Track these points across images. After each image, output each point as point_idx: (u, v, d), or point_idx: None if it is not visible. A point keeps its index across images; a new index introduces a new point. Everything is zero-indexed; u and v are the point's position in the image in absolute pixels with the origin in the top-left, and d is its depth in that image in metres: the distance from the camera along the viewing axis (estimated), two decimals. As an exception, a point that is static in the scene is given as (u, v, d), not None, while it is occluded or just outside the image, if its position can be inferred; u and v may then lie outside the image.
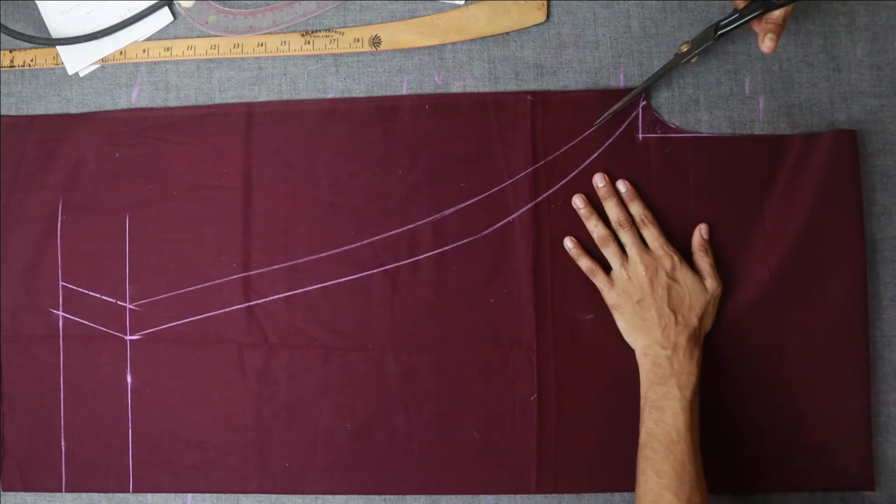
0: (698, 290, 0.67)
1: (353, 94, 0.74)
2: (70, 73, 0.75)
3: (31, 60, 0.75)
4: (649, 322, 0.67)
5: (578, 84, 0.73)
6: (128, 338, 0.73)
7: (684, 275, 0.67)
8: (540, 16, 0.73)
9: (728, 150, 0.72)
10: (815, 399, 0.70)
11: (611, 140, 0.71)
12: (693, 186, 0.71)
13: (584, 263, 0.70)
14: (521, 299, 0.71)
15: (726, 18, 0.65)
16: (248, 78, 0.74)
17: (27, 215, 0.73)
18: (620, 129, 0.72)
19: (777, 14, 0.63)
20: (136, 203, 0.73)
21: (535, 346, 0.71)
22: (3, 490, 0.73)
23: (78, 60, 0.74)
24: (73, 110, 0.75)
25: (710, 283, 0.68)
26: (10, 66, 0.75)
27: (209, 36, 0.74)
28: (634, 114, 0.72)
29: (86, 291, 0.73)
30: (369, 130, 0.73)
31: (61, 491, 0.73)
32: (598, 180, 0.70)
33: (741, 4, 0.64)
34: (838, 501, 0.71)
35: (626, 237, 0.69)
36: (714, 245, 0.71)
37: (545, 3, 0.73)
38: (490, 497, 0.72)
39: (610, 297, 0.69)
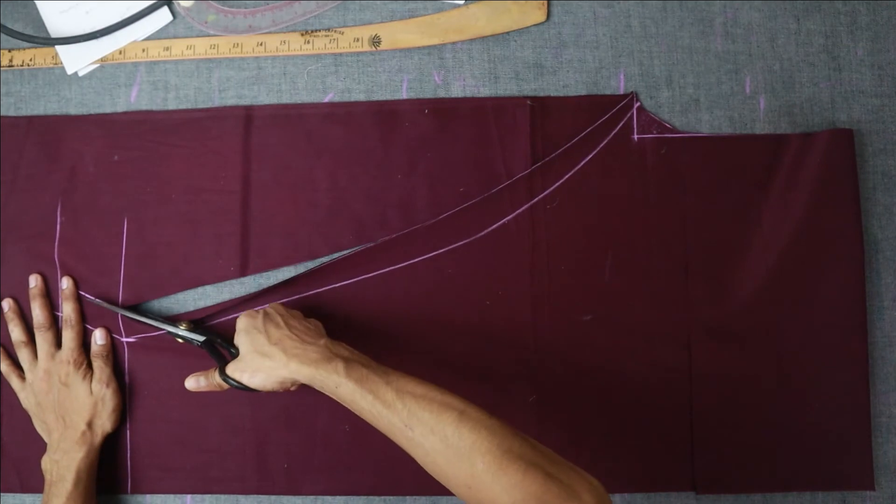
0: (84, 394, 0.70)
1: (353, 93, 0.74)
2: (69, 72, 0.75)
3: (30, 60, 0.75)
4: (50, 425, 0.70)
5: (579, 83, 0.73)
6: (124, 340, 0.73)
7: (74, 380, 0.70)
8: (540, 15, 0.73)
9: (725, 150, 0.72)
10: (815, 399, 0.70)
11: (605, 141, 0.71)
12: (689, 186, 0.71)
13: (4, 366, 0.72)
14: (519, 300, 0.71)
15: (218, 340, 0.68)
16: (248, 78, 0.74)
17: (26, 216, 0.73)
18: (615, 131, 0.72)
19: (216, 375, 0.64)
20: (135, 205, 0.73)
21: (533, 348, 0.71)
22: (2, 491, 0.73)
23: (77, 60, 0.74)
24: (72, 110, 0.75)
25: (96, 386, 0.70)
26: (9, 66, 0.75)
27: (208, 35, 0.74)
28: (629, 115, 0.72)
29: (83, 293, 0.73)
30: (368, 135, 0.72)
31: (60, 492, 0.73)
32: (31, 280, 0.72)
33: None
34: (838, 501, 0.71)
35: (39, 341, 0.71)
36: (711, 246, 0.71)
37: (545, 2, 0.72)
38: (490, 497, 0.71)
39: (22, 397, 0.71)
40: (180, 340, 0.69)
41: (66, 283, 0.72)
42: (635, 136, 0.72)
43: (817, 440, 0.70)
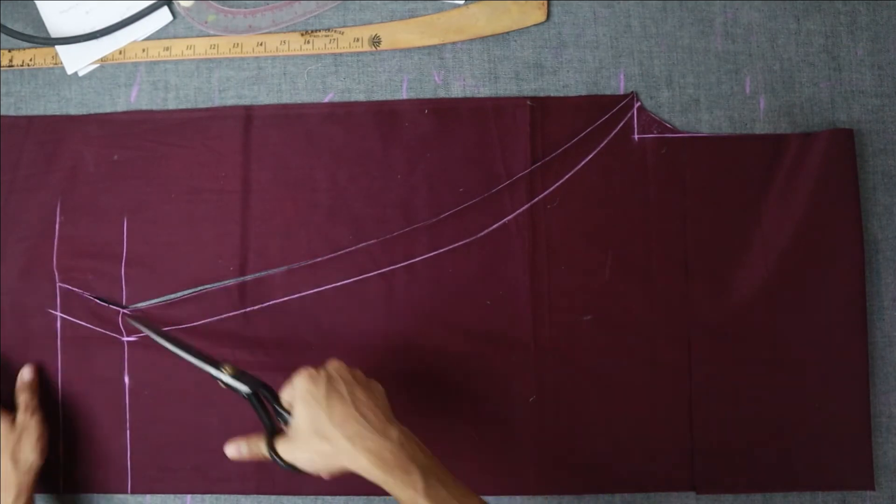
0: (6, 430, 0.68)
1: (353, 93, 0.74)
2: (69, 72, 0.75)
3: (30, 60, 0.75)
4: None
5: (579, 83, 0.73)
6: (125, 339, 0.73)
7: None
8: (540, 15, 0.73)
9: (725, 150, 0.72)
10: (815, 399, 0.70)
11: (606, 141, 0.71)
12: (689, 186, 0.71)
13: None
14: (519, 300, 0.71)
15: (264, 392, 0.61)
16: (248, 78, 0.74)
17: (25, 216, 0.73)
18: (615, 131, 0.72)
19: (262, 445, 0.59)
20: (134, 205, 0.73)
21: (533, 348, 0.71)
22: (3, 490, 0.73)
23: (77, 60, 0.74)
24: (72, 110, 0.75)
25: (20, 416, 0.69)
26: (10, 66, 0.75)
27: (208, 35, 0.74)
28: (629, 115, 0.72)
29: (83, 293, 0.73)
30: (368, 135, 0.72)
31: (59, 493, 0.72)
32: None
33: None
34: (838, 501, 0.71)
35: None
36: (711, 246, 0.71)
37: (545, 2, 0.72)
38: (490, 497, 0.71)
39: None
40: (222, 385, 0.62)
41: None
42: (635, 136, 0.72)
43: (817, 440, 0.70)
